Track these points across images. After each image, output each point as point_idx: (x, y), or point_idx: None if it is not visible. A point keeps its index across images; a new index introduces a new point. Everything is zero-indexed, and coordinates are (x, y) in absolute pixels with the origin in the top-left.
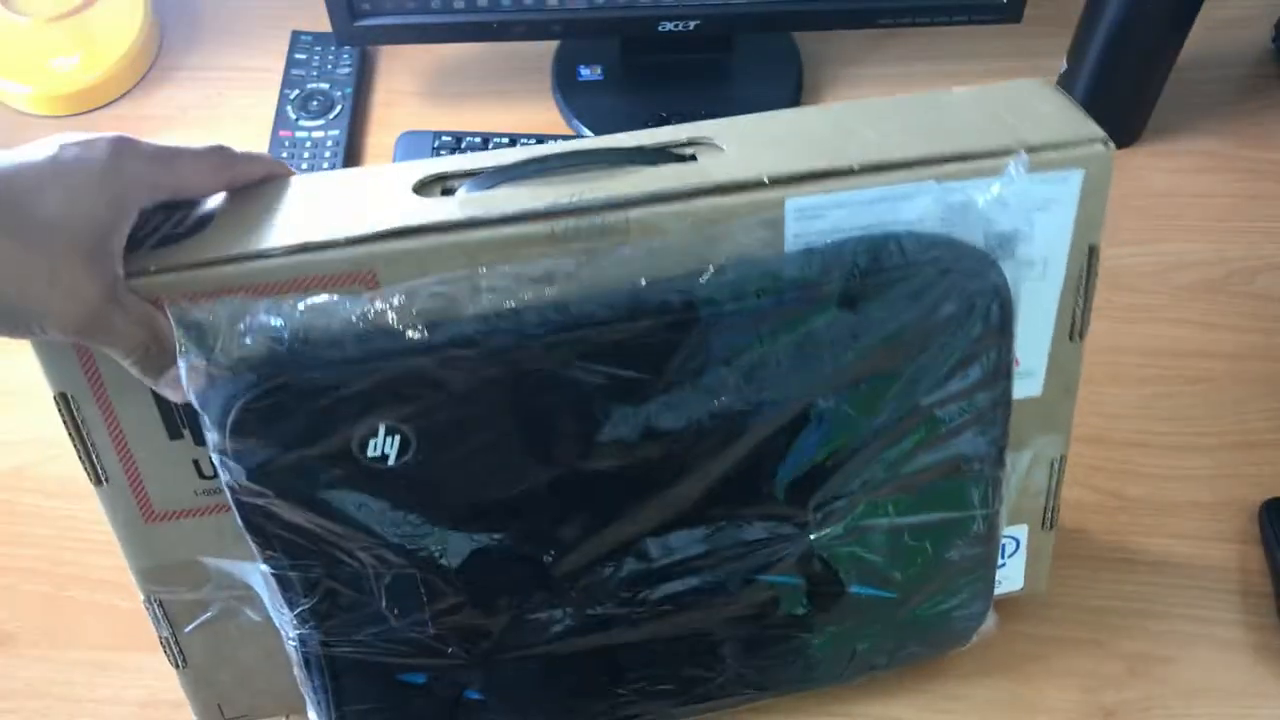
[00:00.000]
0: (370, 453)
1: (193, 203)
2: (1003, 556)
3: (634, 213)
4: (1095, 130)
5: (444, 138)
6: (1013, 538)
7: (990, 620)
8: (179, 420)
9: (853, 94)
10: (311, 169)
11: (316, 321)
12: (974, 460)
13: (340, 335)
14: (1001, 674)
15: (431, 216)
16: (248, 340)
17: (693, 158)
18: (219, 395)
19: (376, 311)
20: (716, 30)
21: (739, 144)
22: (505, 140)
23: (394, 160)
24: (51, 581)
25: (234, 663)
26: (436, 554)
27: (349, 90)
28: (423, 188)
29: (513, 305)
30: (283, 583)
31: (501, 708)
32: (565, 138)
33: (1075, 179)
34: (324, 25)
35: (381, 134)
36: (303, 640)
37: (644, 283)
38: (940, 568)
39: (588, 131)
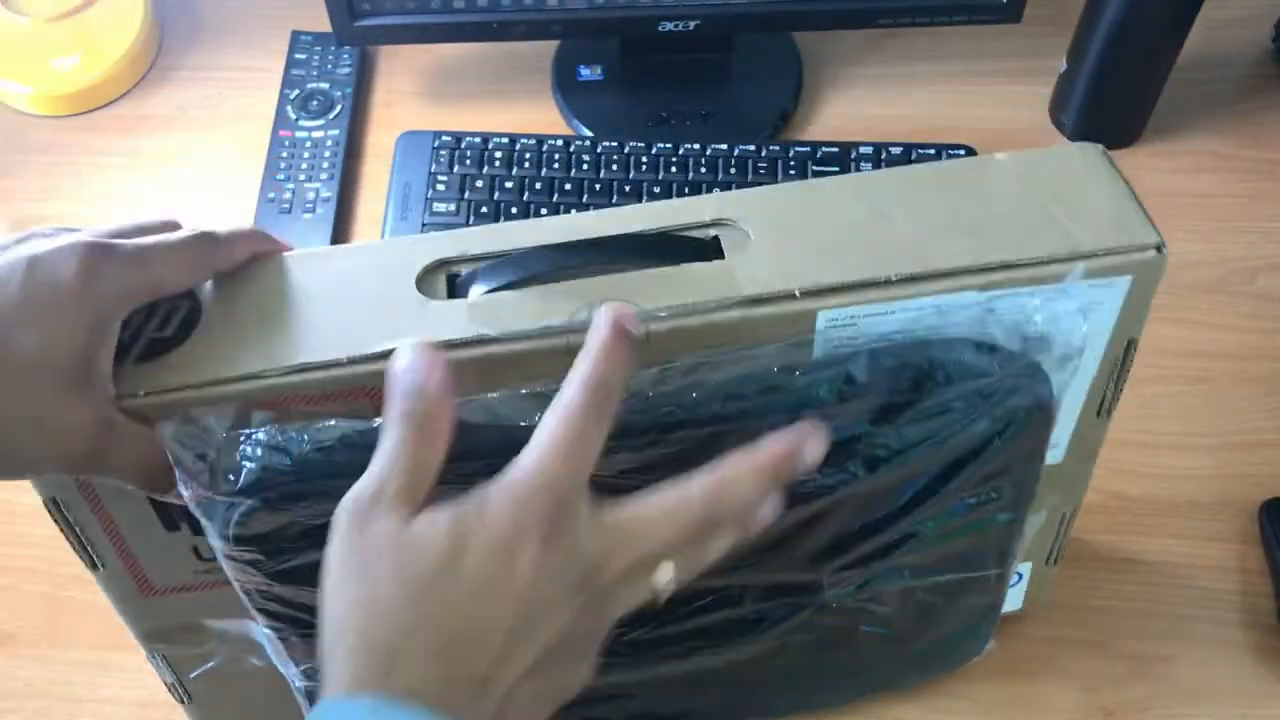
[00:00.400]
0: None
1: (176, 297)
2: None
3: (655, 326)
4: (1150, 233)
5: (444, 138)
6: (1016, 573)
7: (990, 644)
8: (174, 516)
9: (853, 94)
10: (311, 169)
11: (320, 437)
12: (994, 529)
13: (346, 459)
14: (1002, 674)
15: (439, 331)
16: (248, 465)
17: (716, 245)
18: (220, 511)
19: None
20: (716, 30)
21: (766, 233)
22: (505, 140)
23: (394, 161)
24: (51, 581)
25: (239, 699)
26: None
27: (349, 90)
28: (425, 276)
29: (524, 424)
30: (289, 644)
31: None
32: (566, 137)
33: (1123, 284)
34: (324, 25)
35: (381, 134)
36: (309, 691)
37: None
38: (949, 614)
39: (587, 131)
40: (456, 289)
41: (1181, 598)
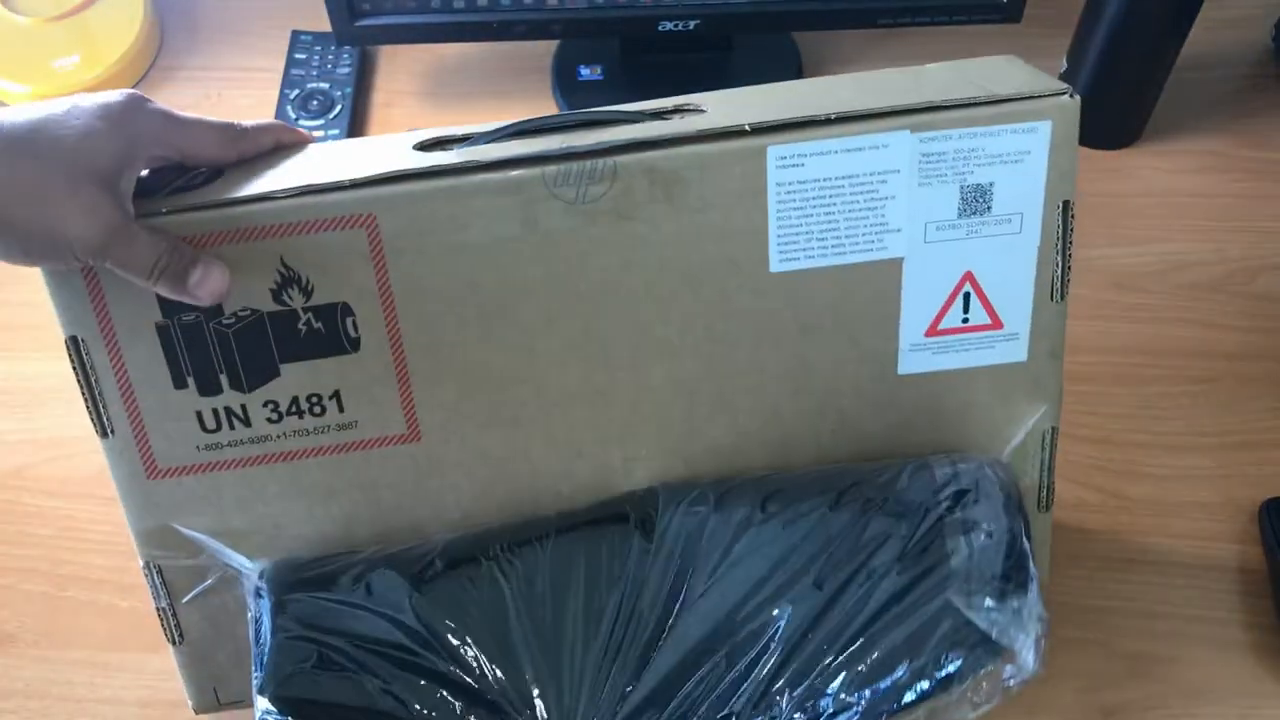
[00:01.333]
0: None
1: (205, 168)
2: None
3: (621, 158)
4: (1061, 85)
5: None
6: None
7: None
8: (184, 368)
9: None
10: None
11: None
12: None
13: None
14: None
15: (428, 163)
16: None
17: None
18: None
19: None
20: (716, 30)
21: (723, 105)
22: None
23: None
24: (51, 581)
25: (231, 639)
26: None
27: (349, 90)
28: (425, 148)
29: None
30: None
31: None
32: None
33: (1044, 129)
34: (324, 25)
35: (381, 133)
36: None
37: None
38: None
39: None
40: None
41: (1181, 598)
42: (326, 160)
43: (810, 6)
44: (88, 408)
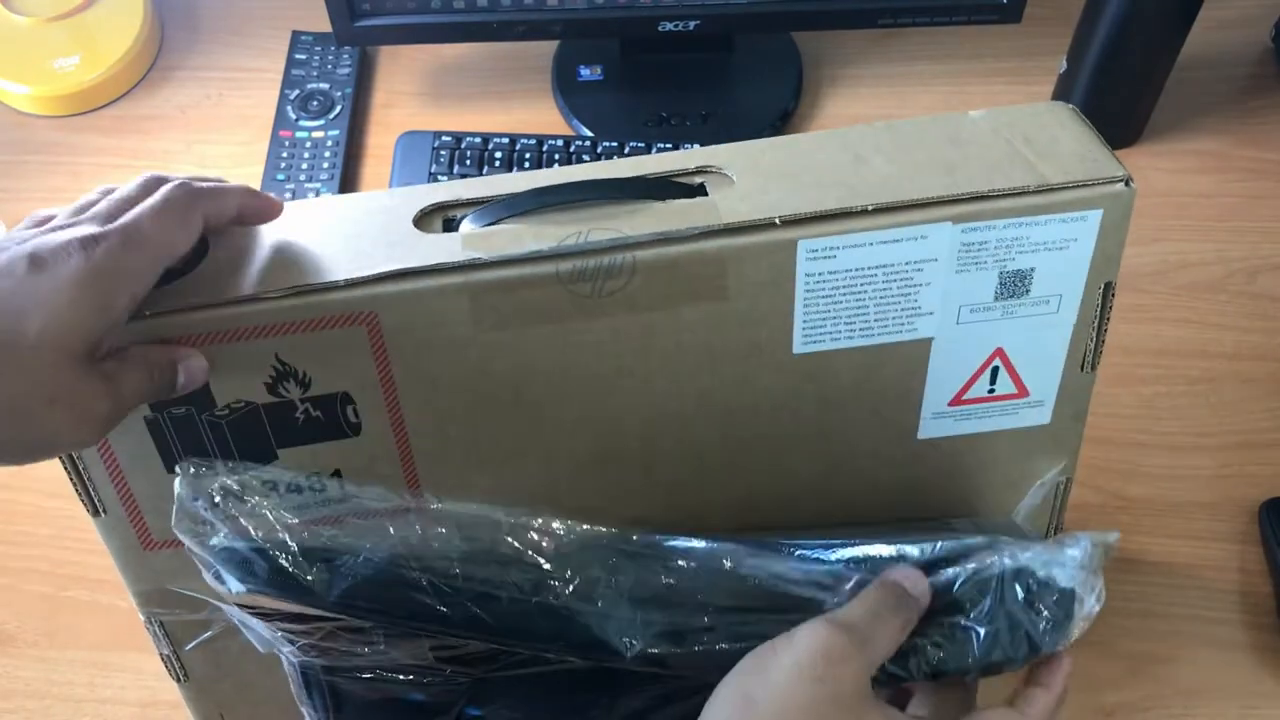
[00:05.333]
0: None
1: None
2: None
3: (640, 253)
4: (1116, 168)
5: (444, 138)
6: None
7: None
8: (176, 454)
9: (853, 94)
10: (311, 169)
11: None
12: None
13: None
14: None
15: (433, 257)
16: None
17: (702, 188)
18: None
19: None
20: (716, 30)
21: (749, 174)
22: (505, 140)
23: (394, 161)
24: (51, 581)
25: (236, 675)
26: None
27: (349, 90)
28: (423, 219)
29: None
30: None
31: None
32: (566, 137)
33: (1094, 219)
34: (324, 25)
35: (381, 134)
36: (303, 666)
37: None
38: None
39: (587, 131)
40: (452, 227)
41: (1181, 598)
42: (319, 241)
43: (810, 6)
44: (76, 490)
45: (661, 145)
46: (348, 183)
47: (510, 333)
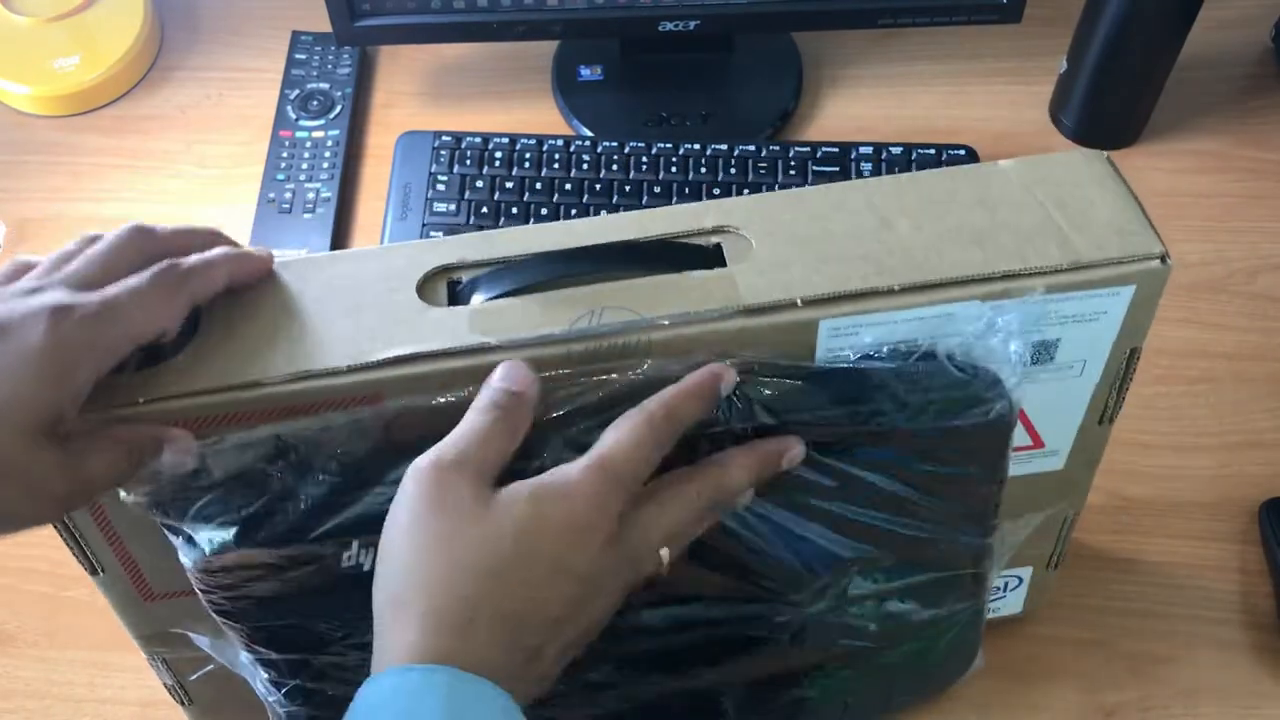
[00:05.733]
0: (346, 563)
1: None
2: (1004, 591)
3: (656, 334)
4: (1153, 243)
5: (444, 138)
6: (1016, 576)
7: (979, 660)
8: (175, 518)
9: (853, 94)
10: (311, 169)
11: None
12: (963, 549)
13: (325, 461)
14: (1001, 674)
15: (440, 340)
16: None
17: (718, 252)
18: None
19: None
20: (716, 30)
21: (768, 239)
22: (505, 140)
23: (394, 161)
24: (51, 581)
25: (239, 699)
26: None
27: (349, 90)
28: (426, 284)
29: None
30: (267, 666)
31: None
32: (566, 137)
33: (1126, 294)
34: (324, 25)
35: (381, 134)
36: (290, 715)
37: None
38: (927, 622)
39: (587, 131)
40: (458, 296)
41: (1181, 598)
42: (318, 316)
43: (810, 6)
44: (73, 553)
45: (661, 145)
46: (348, 183)
47: None
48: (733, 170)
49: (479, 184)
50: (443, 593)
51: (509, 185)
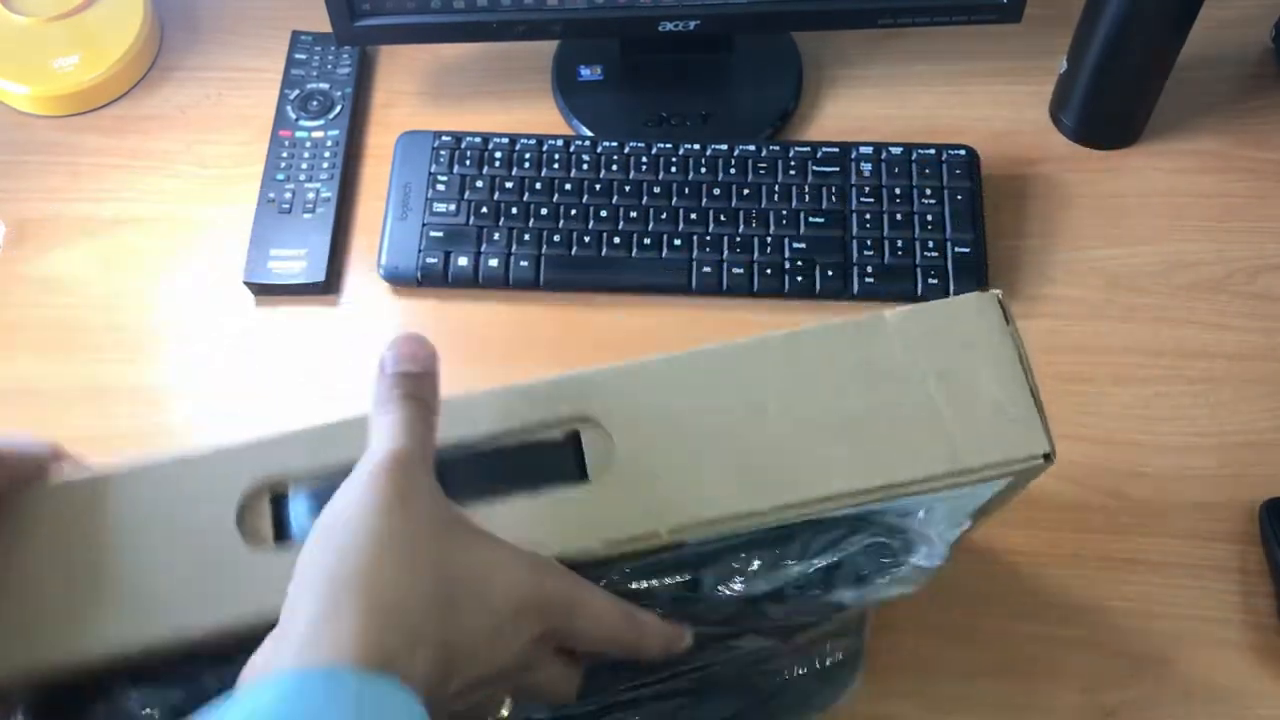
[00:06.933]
0: None
1: None
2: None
3: None
4: (1039, 440)
5: (444, 138)
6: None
7: (858, 682)
8: None
9: (853, 94)
10: (311, 169)
11: None
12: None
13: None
14: (1001, 674)
15: (264, 595)
16: None
17: (576, 453)
18: None
19: None
20: (716, 30)
21: (629, 433)
22: (505, 140)
23: (394, 161)
24: None
25: None
26: None
27: (349, 90)
28: (248, 506)
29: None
30: None
31: None
32: (566, 137)
33: (1002, 482)
34: (324, 25)
35: (381, 134)
36: None
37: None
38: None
39: (587, 131)
40: (282, 520)
41: (1181, 598)
42: (128, 567)
43: (810, 6)
44: None
45: (661, 145)
46: (348, 183)
47: None
48: (732, 170)
49: (479, 184)
50: (396, 598)
51: (509, 185)
